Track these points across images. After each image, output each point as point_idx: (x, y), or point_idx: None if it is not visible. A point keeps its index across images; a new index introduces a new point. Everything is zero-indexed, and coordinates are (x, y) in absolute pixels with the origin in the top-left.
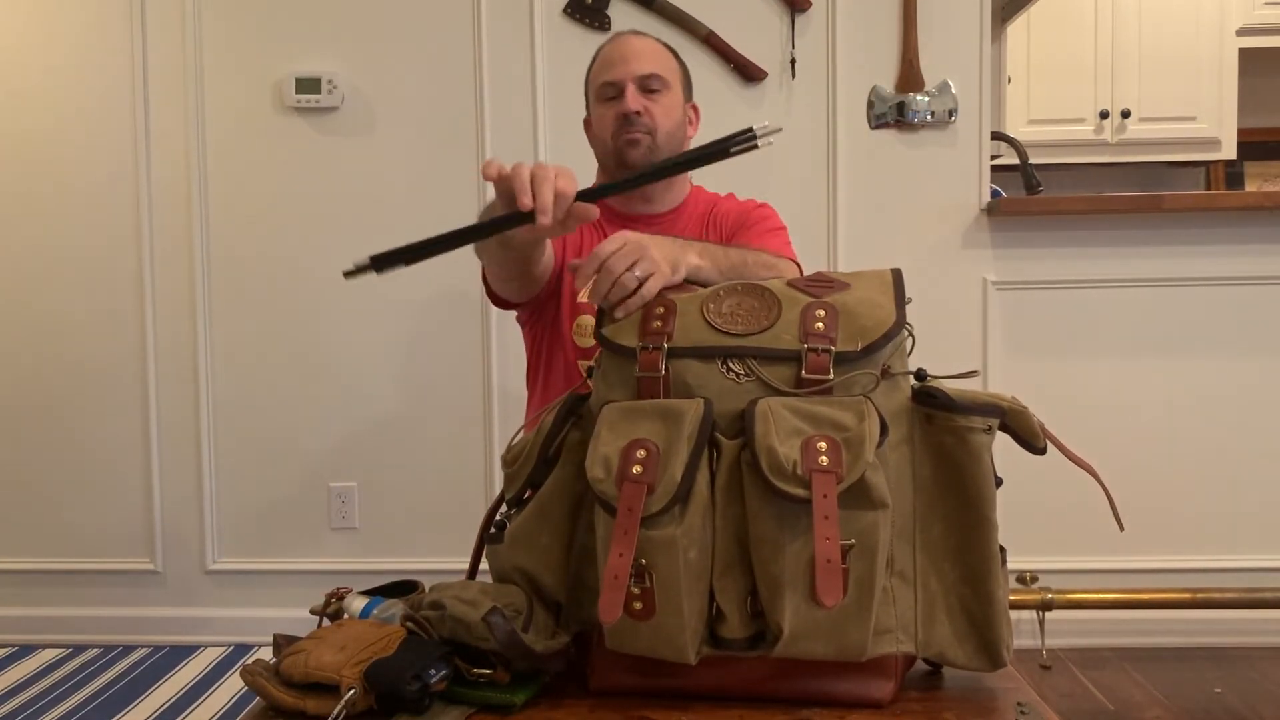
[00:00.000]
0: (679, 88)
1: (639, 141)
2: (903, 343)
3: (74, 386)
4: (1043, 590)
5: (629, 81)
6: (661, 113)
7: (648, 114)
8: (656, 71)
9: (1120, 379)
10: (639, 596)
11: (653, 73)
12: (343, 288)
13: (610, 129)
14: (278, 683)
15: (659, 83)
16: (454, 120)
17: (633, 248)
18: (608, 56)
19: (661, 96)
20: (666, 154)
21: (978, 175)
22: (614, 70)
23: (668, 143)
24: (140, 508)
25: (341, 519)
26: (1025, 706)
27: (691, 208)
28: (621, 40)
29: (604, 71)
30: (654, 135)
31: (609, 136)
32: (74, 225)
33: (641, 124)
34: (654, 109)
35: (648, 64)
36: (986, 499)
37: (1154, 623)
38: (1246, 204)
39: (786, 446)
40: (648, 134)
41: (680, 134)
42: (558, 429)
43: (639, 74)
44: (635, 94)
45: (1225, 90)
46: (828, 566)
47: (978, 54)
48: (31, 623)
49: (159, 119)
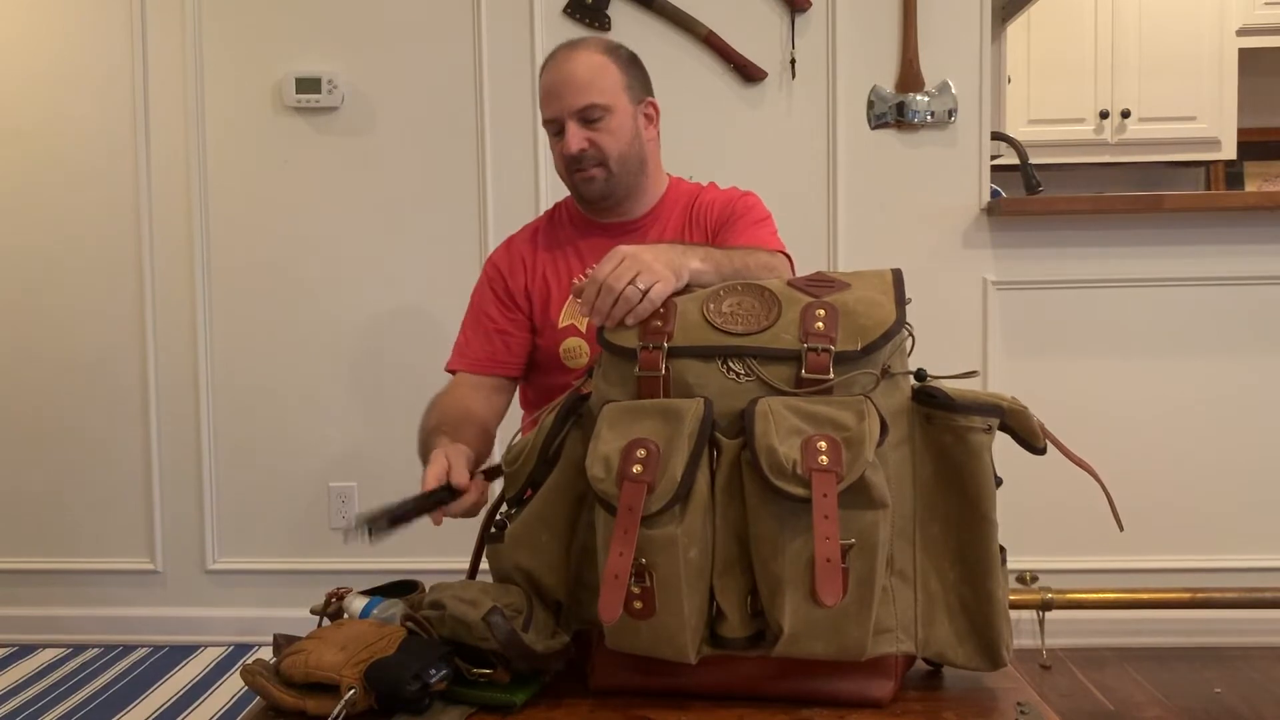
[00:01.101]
0: (624, 100)
1: (593, 178)
2: (903, 343)
3: (74, 386)
4: (1043, 590)
5: (567, 118)
6: (608, 139)
7: (594, 145)
8: (593, 100)
9: (1120, 379)
10: (639, 596)
11: (589, 103)
12: (342, 287)
13: (562, 164)
14: (278, 683)
15: (599, 110)
16: (454, 120)
17: (630, 262)
18: (544, 87)
19: (605, 123)
20: (624, 174)
21: (978, 175)
22: (550, 106)
23: (623, 164)
24: (140, 508)
25: (341, 519)
26: (1025, 706)
27: (670, 204)
28: (554, 67)
29: (544, 106)
30: (606, 164)
31: (563, 171)
32: (74, 225)
33: (589, 159)
34: (599, 139)
35: (582, 94)
36: (986, 498)
37: (1154, 623)
38: (1246, 204)
39: (786, 446)
40: (599, 166)
41: (637, 145)
42: (558, 429)
43: (575, 108)
44: (576, 131)
45: (1225, 90)
46: (828, 566)
47: (978, 54)
48: (31, 623)
49: (159, 119)
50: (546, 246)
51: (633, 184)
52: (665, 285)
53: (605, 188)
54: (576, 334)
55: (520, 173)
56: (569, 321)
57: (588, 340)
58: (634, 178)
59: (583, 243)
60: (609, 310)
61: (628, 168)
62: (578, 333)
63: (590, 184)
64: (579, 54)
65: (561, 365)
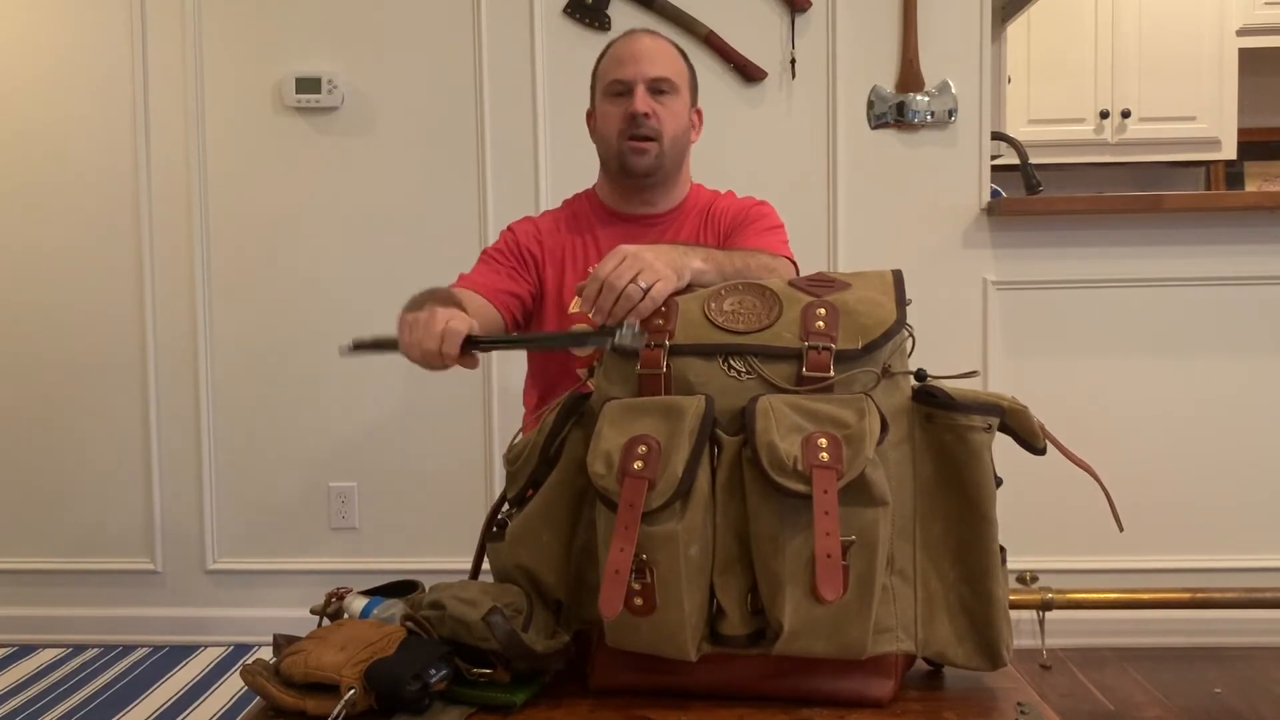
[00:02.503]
0: (687, 92)
1: (646, 151)
2: (903, 342)
3: (74, 386)
4: (1043, 590)
5: (640, 82)
6: (669, 116)
7: (655, 117)
8: (667, 75)
9: (1120, 379)
10: (639, 592)
11: (664, 75)
12: (342, 288)
13: (616, 127)
14: (278, 683)
15: (669, 86)
16: (454, 120)
17: (631, 261)
18: (619, 53)
19: (670, 100)
20: (671, 159)
21: (978, 175)
22: (625, 69)
23: (673, 147)
24: (140, 508)
25: (341, 519)
26: (1025, 706)
27: (690, 207)
28: (635, 38)
29: (615, 68)
30: (660, 140)
31: (614, 136)
32: (74, 225)
33: (649, 126)
34: (662, 112)
35: (660, 66)
36: (986, 498)
37: (1154, 623)
38: (1246, 204)
39: (787, 443)
40: (654, 140)
41: (685, 139)
42: (559, 428)
43: (650, 76)
44: (645, 95)
45: (1225, 90)
46: (828, 562)
47: (978, 54)
48: (31, 623)
49: (159, 119)
50: (567, 230)
51: (671, 172)
52: (666, 284)
53: (653, 163)
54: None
55: (520, 173)
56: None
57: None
58: (674, 166)
59: (602, 231)
60: (610, 308)
61: (675, 153)
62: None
63: (642, 156)
64: (659, 38)
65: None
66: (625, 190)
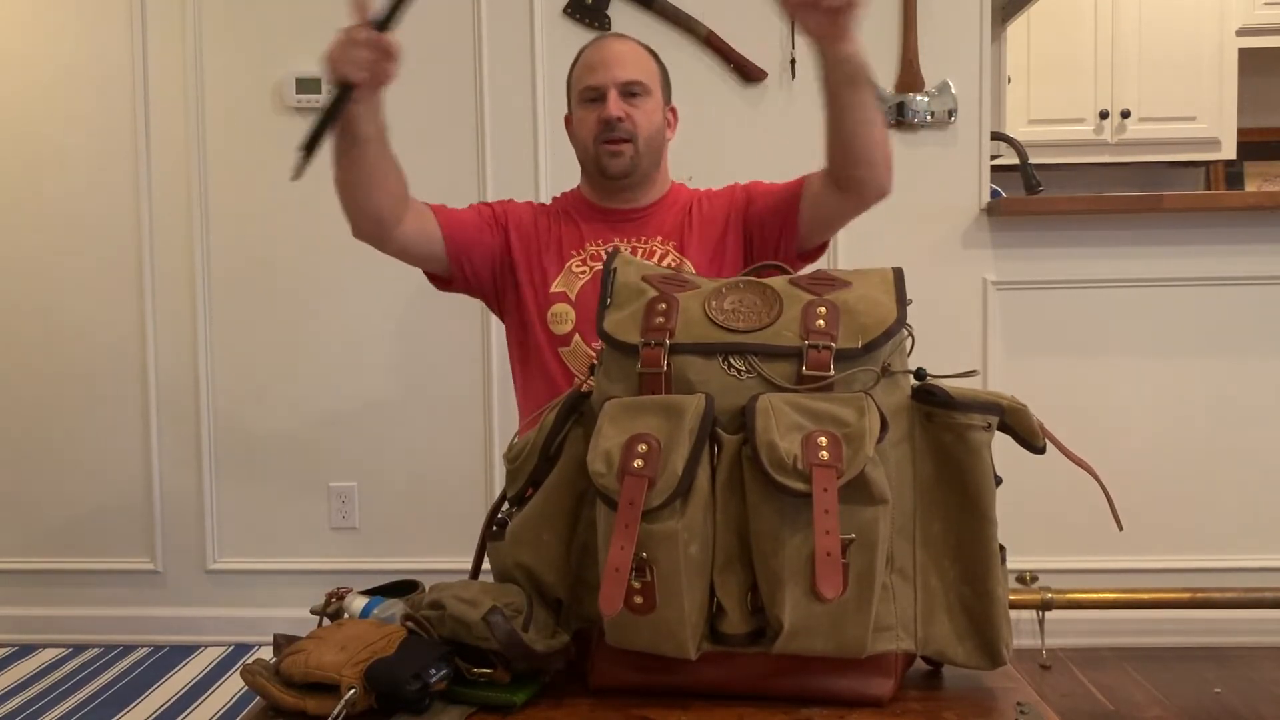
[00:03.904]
0: (659, 92)
1: (621, 152)
2: (903, 341)
3: (73, 386)
4: (1043, 590)
5: (611, 87)
6: (642, 117)
7: (629, 119)
8: (638, 78)
9: (1120, 379)
10: (639, 590)
11: (634, 79)
12: (342, 288)
13: (592, 132)
14: (278, 683)
15: (640, 88)
16: (454, 120)
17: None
18: (590, 60)
19: (642, 102)
20: (647, 158)
21: (978, 175)
22: (596, 75)
23: (648, 147)
24: (140, 508)
25: (341, 519)
26: (1025, 706)
27: (670, 203)
28: (604, 44)
29: (587, 75)
30: (635, 141)
31: (590, 140)
32: (74, 225)
33: (622, 129)
34: (635, 114)
35: (630, 70)
36: (986, 497)
37: (1154, 623)
38: (1246, 204)
39: (787, 441)
40: (628, 141)
41: (660, 138)
42: (559, 427)
43: (621, 80)
44: (617, 99)
45: (1225, 90)
46: (827, 560)
47: (978, 54)
48: (31, 623)
49: (159, 119)
50: (553, 215)
51: (648, 171)
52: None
53: (629, 164)
54: (565, 301)
55: (520, 172)
56: (561, 289)
57: (574, 308)
58: (651, 166)
59: (586, 226)
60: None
61: (650, 152)
62: (566, 299)
63: (617, 158)
64: (627, 40)
65: (548, 330)
66: (606, 189)
